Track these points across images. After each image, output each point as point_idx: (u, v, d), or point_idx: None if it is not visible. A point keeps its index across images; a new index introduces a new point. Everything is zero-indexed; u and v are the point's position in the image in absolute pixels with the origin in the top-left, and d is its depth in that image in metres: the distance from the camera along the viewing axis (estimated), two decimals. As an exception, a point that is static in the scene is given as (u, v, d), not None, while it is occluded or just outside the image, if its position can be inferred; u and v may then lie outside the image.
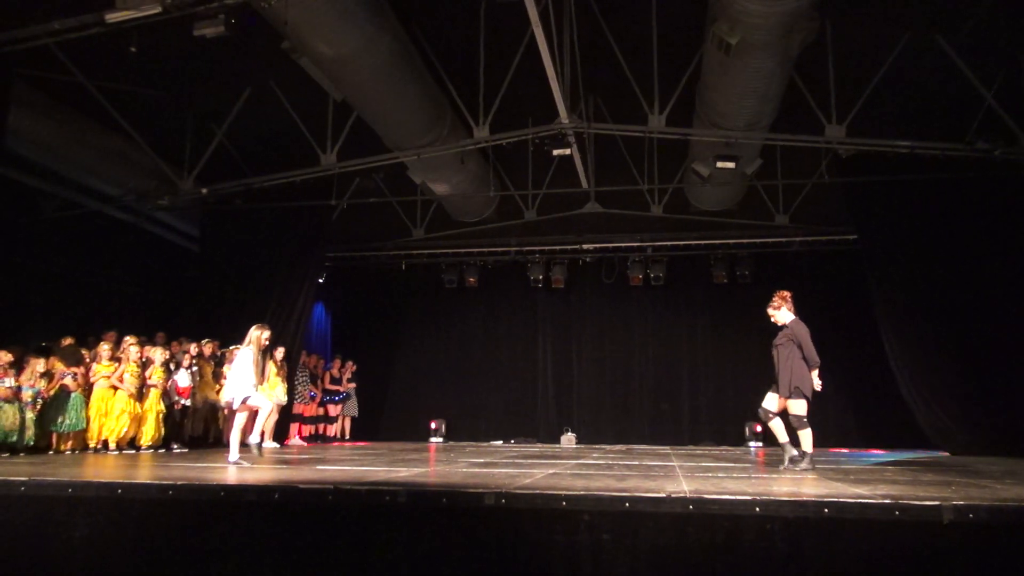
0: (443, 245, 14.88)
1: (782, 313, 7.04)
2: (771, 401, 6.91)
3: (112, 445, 9.24)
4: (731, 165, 10.88)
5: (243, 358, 7.24)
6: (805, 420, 6.76)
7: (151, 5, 7.72)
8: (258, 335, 7.29)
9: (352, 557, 4.27)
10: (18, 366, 8.65)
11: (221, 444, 11.12)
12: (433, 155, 11.26)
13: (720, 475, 6.15)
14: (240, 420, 7.35)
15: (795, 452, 6.93)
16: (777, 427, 6.93)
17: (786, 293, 7.15)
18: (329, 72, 9.39)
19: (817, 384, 6.79)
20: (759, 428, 13.27)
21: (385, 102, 10.00)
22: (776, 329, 7.08)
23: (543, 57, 8.48)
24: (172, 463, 7.25)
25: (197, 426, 10.98)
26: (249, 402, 7.23)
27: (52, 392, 8.94)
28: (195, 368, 10.59)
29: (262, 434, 7.58)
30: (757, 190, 13.12)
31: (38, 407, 8.70)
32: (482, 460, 7.99)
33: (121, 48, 8.27)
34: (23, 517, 4.70)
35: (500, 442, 13.88)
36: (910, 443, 11.70)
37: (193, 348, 10.66)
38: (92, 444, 9.18)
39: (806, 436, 6.83)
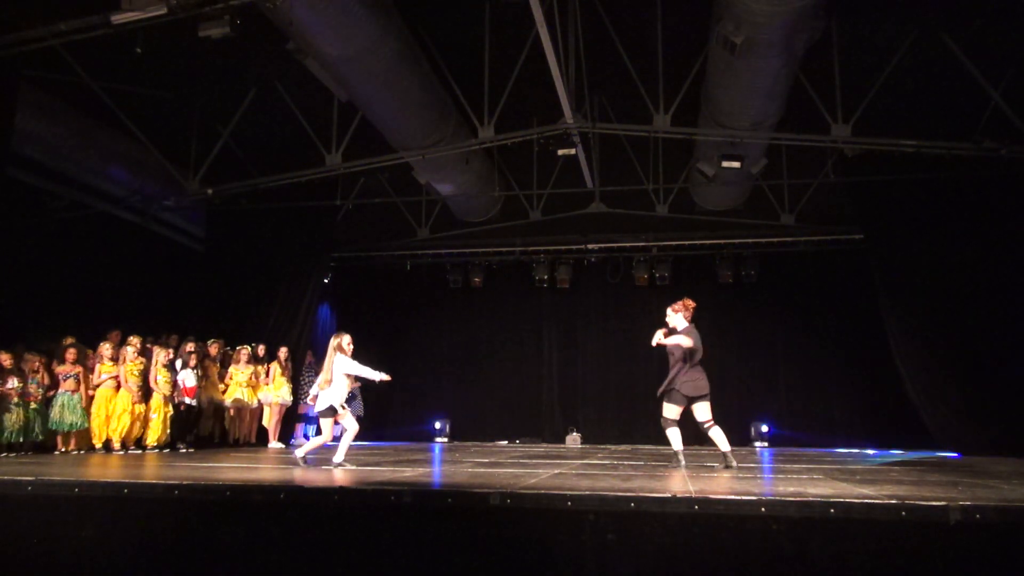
0: (448, 245, 14.89)
1: (678, 318, 7.15)
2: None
3: (116, 445, 9.28)
4: (736, 165, 10.86)
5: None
6: (672, 422, 7.01)
7: (156, 6, 7.74)
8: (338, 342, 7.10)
9: (357, 557, 4.28)
10: (18, 364, 8.72)
11: (227, 444, 11.17)
12: (438, 155, 11.26)
13: (725, 475, 6.13)
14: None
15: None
16: (674, 435, 7.07)
17: (691, 303, 7.24)
18: (334, 73, 9.40)
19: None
20: (766, 429, 13.28)
21: (390, 102, 10.01)
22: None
23: (548, 57, 8.47)
24: (178, 463, 7.27)
25: (204, 426, 11.01)
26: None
27: (55, 391, 9.00)
28: (200, 368, 10.61)
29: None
30: (763, 190, 13.10)
31: (39, 398, 8.74)
32: (487, 460, 7.99)
33: (127, 49, 8.30)
34: (30, 516, 4.71)
35: (505, 442, 13.88)
36: (916, 443, 11.66)
37: (192, 347, 10.66)
38: (96, 444, 9.22)
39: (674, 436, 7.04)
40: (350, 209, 13.83)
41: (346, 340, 7.11)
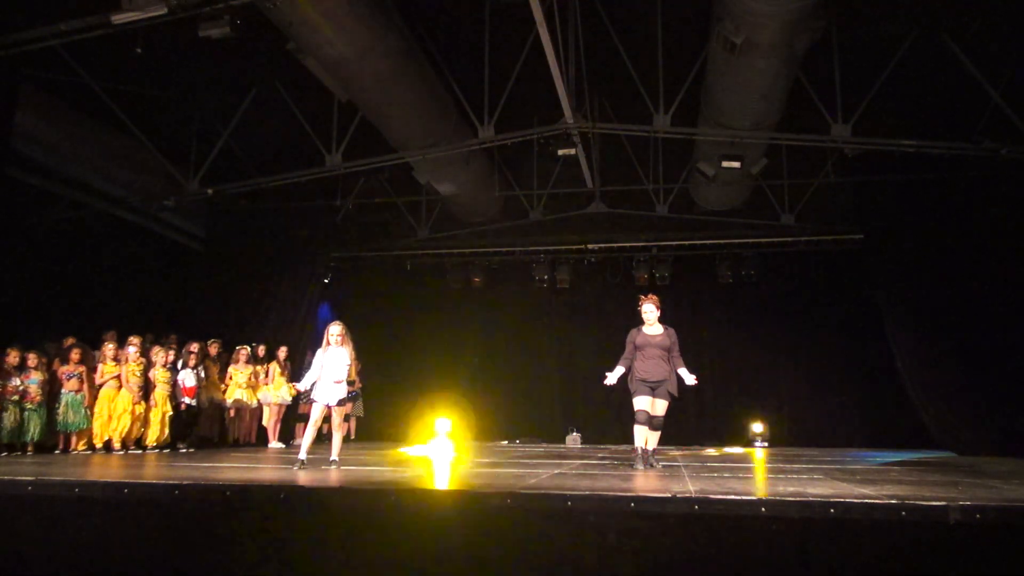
0: (448, 245, 14.87)
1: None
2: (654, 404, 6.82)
3: (116, 444, 9.28)
4: (736, 165, 10.85)
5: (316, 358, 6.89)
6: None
7: (157, 6, 7.73)
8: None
9: (357, 557, 4.28)
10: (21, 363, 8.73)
11: (227, 444, 11.16)
12: (438, 155, 11.26)
13: (726, 475, 6.13)
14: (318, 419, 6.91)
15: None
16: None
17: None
18: (334, 73, 9.40)
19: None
20: (765, 428, 13.26)
21: (390, 102, 10.01)
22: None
23: (548, 56, 8.46)
24: (178, 463, 7.27)
25: (204, 426, 11.00)
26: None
27: (56, 391, 9.00)
28: (201, 368, 10.62)
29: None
30: (763, 190, 13.09)
31: (38, 398, 8.74)
32: (487, 460, 7.99)
33: (127, 49, 8.30)
34: (30, 516, 4.71)
35: (505, 442, 13.88)
36: (916, 443, 11.66)
37: (192, 347, 10.66)
38: (97, 444, 9.22)
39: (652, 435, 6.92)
40: (350, 209, 13.82)
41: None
